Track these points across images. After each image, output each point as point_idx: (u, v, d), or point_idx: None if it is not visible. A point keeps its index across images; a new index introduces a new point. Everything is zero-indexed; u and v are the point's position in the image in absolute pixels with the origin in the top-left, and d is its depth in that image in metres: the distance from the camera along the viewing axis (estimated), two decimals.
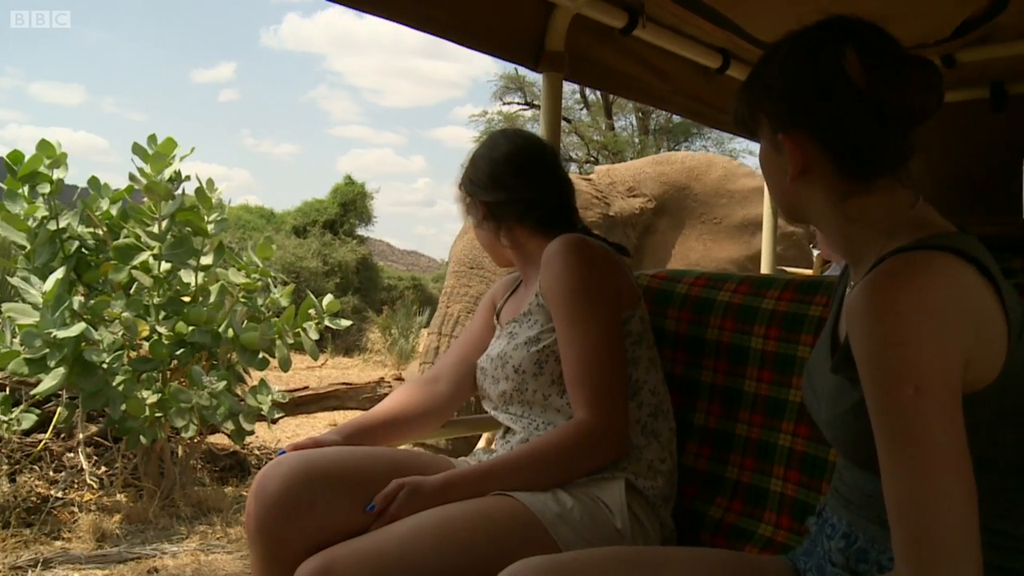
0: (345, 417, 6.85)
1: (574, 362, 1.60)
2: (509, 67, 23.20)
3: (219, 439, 5.81)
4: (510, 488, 1.54)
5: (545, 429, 1.67)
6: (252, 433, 5.18)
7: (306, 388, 6.87)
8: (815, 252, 4.75)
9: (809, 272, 4.59)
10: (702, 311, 1.91)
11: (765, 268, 3.72)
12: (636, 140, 23.14)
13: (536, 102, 21.52)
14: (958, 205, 1.77)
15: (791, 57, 1.18)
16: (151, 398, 4.60)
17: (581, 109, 23.42)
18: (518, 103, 22.80)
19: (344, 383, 7.02)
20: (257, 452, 6.04)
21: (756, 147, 1.37)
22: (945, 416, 0.96)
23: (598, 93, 22.83)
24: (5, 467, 4.71)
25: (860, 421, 1.07)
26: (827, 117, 1.14)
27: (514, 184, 1.80)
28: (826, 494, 1.34)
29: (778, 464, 1.71)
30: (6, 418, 4.33)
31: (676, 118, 22.88)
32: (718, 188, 4.64)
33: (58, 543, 4.36)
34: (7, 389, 4.83)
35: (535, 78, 22.26)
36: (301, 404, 6.58)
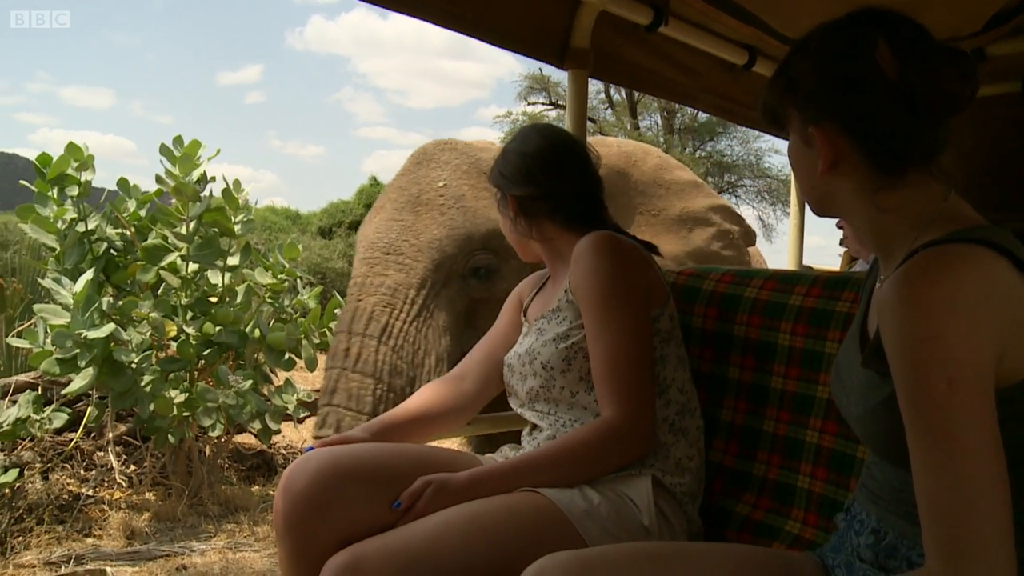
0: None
1: (602, 359, 1.60)
2: (534, 67, 23.24)
3: (246, 438, 5.85)
4: (536, 485, 1.54)
5: (572, 426, 1.67)
6: (278, 432, 5.21)
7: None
8: (841, 250, 4.50)
9: (836, 269, 4.53)
10: (729, 307, 1.90)
11: (791, 264, 3.70)
12: (661, 140, 23.07)
13: (561, 102, 21.54)
14: (990, 199, 1.74)
15: (822, 49, 1.17)
16: (179, 397, 4.65)
17: (606, 109, 23.40)
18: (543, 103, 22.81)
19: None
20: (284, 451, 6.08)
21: (782, 145, 1.36)
22: (978, 411, 0.95)
23: (623, 92, 22.81)
24: (38, 465, 4.77)
25: (891, 416, 1.06)
26: (858, 109, 1.13)
27: (545, 179, 1.80)
28: (855, 490, 1.33)
29: (806, 461, 1.69)
30: (38, 417, 4.38)
31: (701, 117, 22.83)
32: (655, 178, 4.28)
33: (89, 540, 4.41)
34: (39, 388, 4.88)
35: (559, 78, 22.28)
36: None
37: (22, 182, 5.07)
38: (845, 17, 1.17)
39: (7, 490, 4.34)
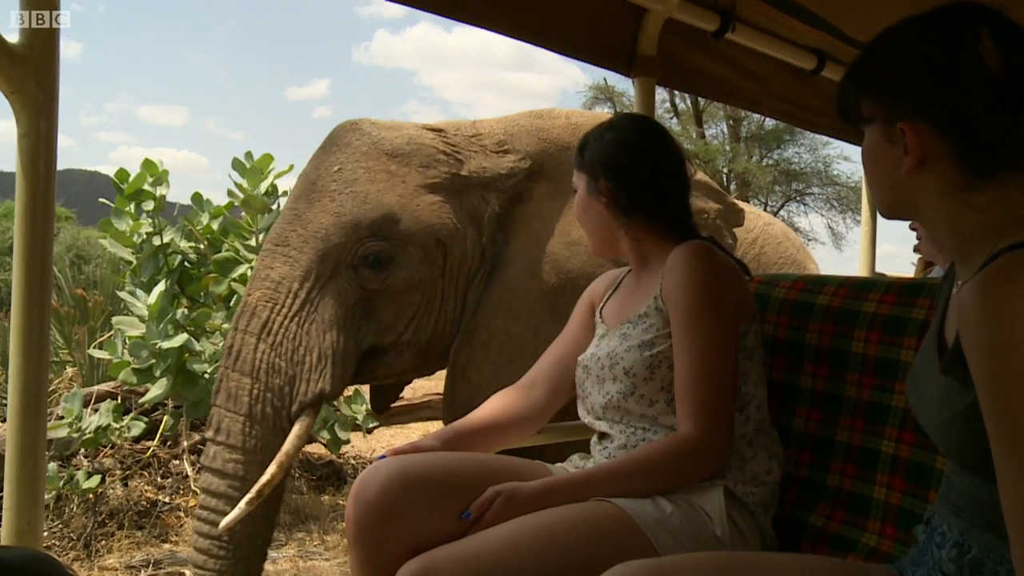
0: (438, 427, 6.90)
1: (687, 371, 1.58)
2: (598, 77, 23.18)
3: (316, 448, 5.93)
4: (608, 496, 1.53)
5: (644, 436, 1.65)
6: (348, 442, 5.28)
7: (400, 398, 6.95)
8: (915, 257, 4.33)
9: (910, 275, 4.41)
10: (800, 315, 1.88)
11: (864, 272, 3.62)
12: (727, 148, 22.84)
13: (627, 112, 21.41)
14: None
15: (917, 41, 1.13)
16: None
17: (671, 117, 23.24)
18: (607, 113, 22.75)
19: (437, 394, 7.08)
20: (353, 461, 6.15)
21: (852, 152, 1.33)
22: None
23: (688, 101, 22.64)
24: (118, 472, 4.91)
25: (973, 424, 1.03)
26: (956, 105, 1.09)
27: (654, 179, 1.78)
28: (934, 502, 1.30)
29: (881, 471, 1.66)
30: (118, 425, 4.52)
31: (768, 125, 22.51)
32: None
33: (166, 546, 4.52)
34: (119, 398, 5.02)
35: (624, 88, 22.20)
36: (395, 414, 6.65)
37: (101, 199, 5.24)
38: (935, 11, 1.13)
39: (90, 495, 4.49)
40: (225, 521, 2.64)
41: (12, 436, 1.42)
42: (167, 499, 5.04)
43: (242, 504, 2.64)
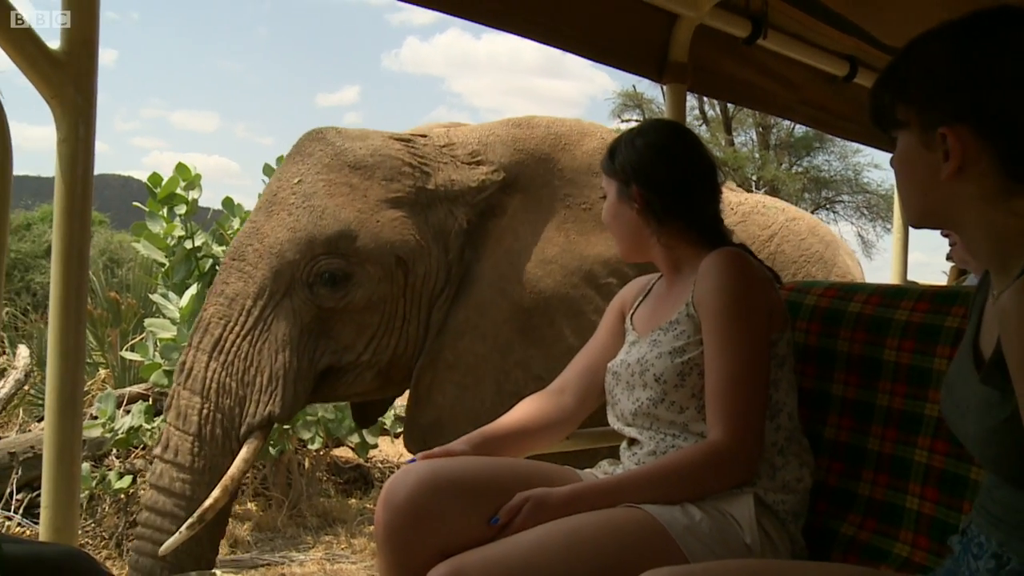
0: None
1: (718, 378, 1.58)
2: (627, 84, 23.19)
3: (344, 452, 5.96)
4: (637, 503, 1.53)
5: (673, 443, 1.65)
6: (376, 446, 5.31)
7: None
8: (947, 265, 4.24)
9: (943, 283, 4.33)
10: (832, 323, 1.86)
11: (895, 281, 3.59)
12: (756, 155, 22.72)
13: (657, 118, 21.34)
14: None
15: (958, 45, 1.11)
16: None
17: (700, 124, 23.15)
18: (636, 120, 22.72)
19: None
20: (380, 465, 6.17)
21: (882, 159, 1.31)
22: None
23: (717, 108, 22.55)
24: (149, 473, 4.96)
25: (1014, 435, 1.01)
26: (998, 110, 1.07)
27: (683, 183, 1.77)
28: (969, 512, 1.28)
29: (914, 481, 1.64)
30: (150, 427, 4.57)
31: (797, 132, 22.37)
32: (591, 164, 3.31)
33: None
34: (151, 399, 5.08)
35: (653, 95, 22.13)
36: None
37: (135, 203, 5.31)
38: (975, 14, 1.11)
39: (122, 495, 4.54)
40: (166, 545, 2.61)
41: (50, 436, 1.44)
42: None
43: (183, 529, 2.62)
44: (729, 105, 20.79)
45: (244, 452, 2.80)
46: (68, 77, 1.40)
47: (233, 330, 2.90)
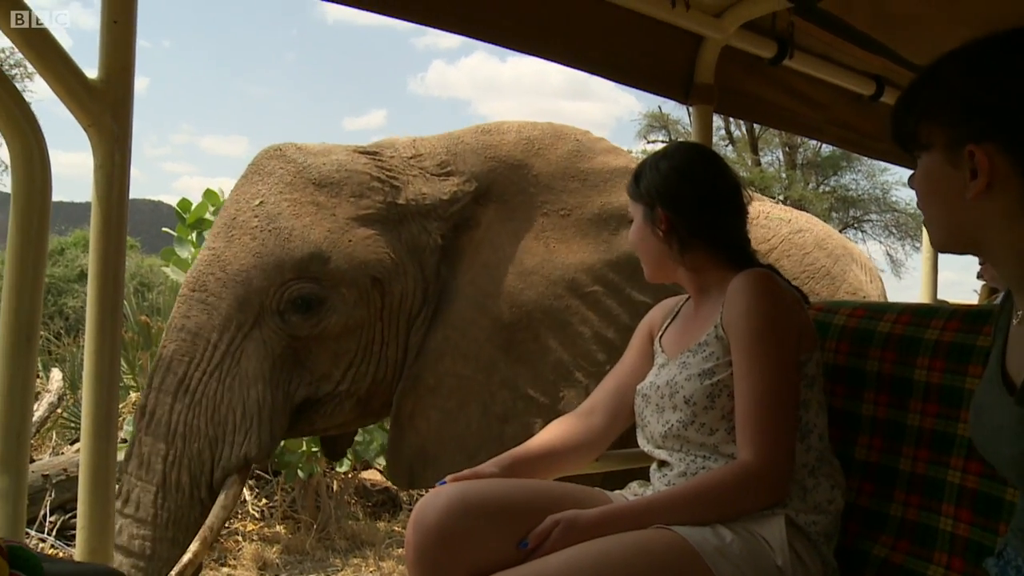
0: None
1: (747, 400, 1.57)
2: (653, 106, 23.18)
3: (372, 475, 5.97)
4: (667, 524, 1.53)
5: (704, 465, 1.64)
6: None
7: None
8: (978, 284, 4.15)
9: (974, 302, 4.25)
10: (861, 342, 1.85)
11: (926, 297, 3.55)
12: (783, 175, 22.64)
13: (681, 140, 21.34)
14: None
15: (986, 63, 1.11)
16: None
17: (726, 145, 23.12)
18: (662, 141, 22.72)
19: None
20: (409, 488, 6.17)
21: None
22: None
23: (743, 128, 22.51)
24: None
25: None
26: None
27: (708, 205, 1.77)
28: (1006, 534, 1.27)
29: (947, 502, 1.62)
30: None
31: (824, 151, 22.27)
32: (567, 168, 3.15)
33: (225, 569, 4.59)
34: None
35: (679, 115, 22.15)
36: None
37: (164, 228, 5.39)
38: (1001, 34, 1.11)
39: None
40: None
41: (85, 458, 1.47)
42: (226, 523, 5.11)
43: None
44: (755, 125, 20.75)
45: (223, 499, 2.60)
46: (105, 105, 1.43)
47: (199, 367, 2.68)
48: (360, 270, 2.77)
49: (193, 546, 2.48)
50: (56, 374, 6.06)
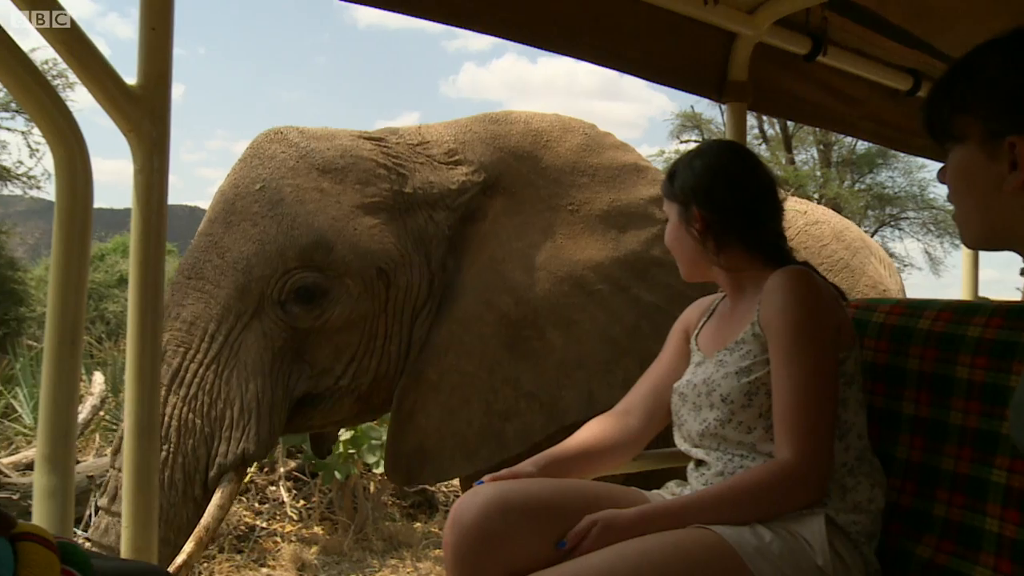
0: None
1: (785, 398, 1.56)
2: (685, 105, 23.12)
3: None
4: (705, 524, 1.52)
5: (742, 464, 1.63)
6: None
7: None
8: (1022, 281, 4.07)
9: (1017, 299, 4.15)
10: (901, 340, 1.83)
11: (967, 295, 3.50)
12: (818, 173, 22.42)
13: (715, 139, 21.16)
14: None
15: None
16: (345, 435, 4.81)
17: (760, 143, 22.94)
18: (695, 141, 22.60)
19: None
20: (445, 489, 6.19)
21: None
22: None
23: (777, 127, 22.33)
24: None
25: None
26: None
27: (744, 203, 1.76)
28: None
29: (993, 502, 1.59)
30: None
31: (860, 149, 22.03)
32: (576, 162, 3.08)
33: (264, 570, 4.63)
34: None
35: (712, 115, 22.03)
36: None
37: None
38: None
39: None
40: None
41: (129, 459, 1.49)
42: (264, 524, 5.16)
43: None
44: (789, 123, 20.58)
45: (218, 498, 2.48)
46: (144, 111, 1.45)
47: (195, 359, 2.55)
48: (366, 260, 2.68)
49: (187, 547, 2.38)
50: (98, 377, 6.16)
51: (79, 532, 4.41)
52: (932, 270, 22.43)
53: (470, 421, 2.77)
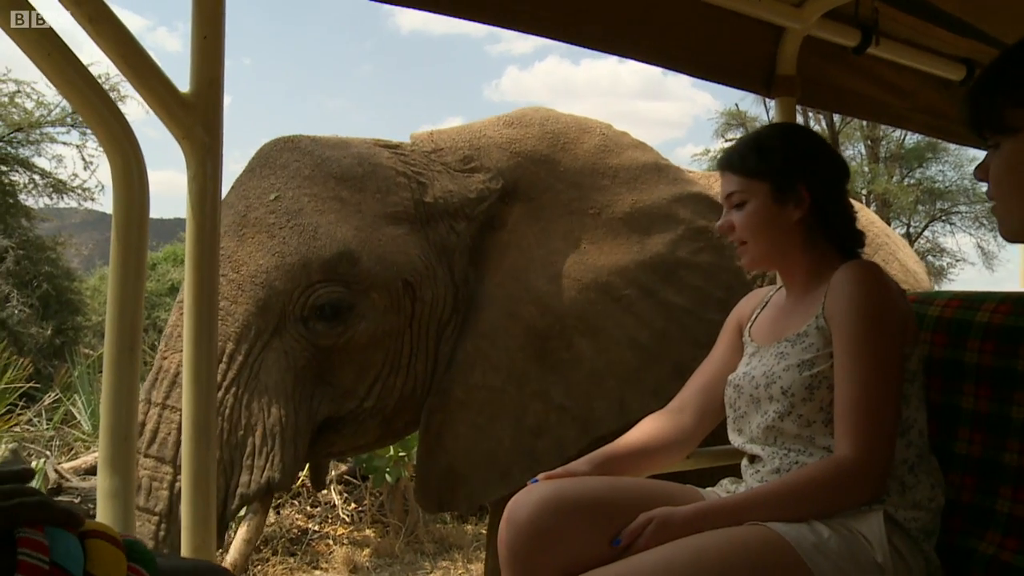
0: None
1: (849, 393, 1.54)
2: (730, 103, 22.92)
3: None
4: (761, 521, 1.50)
5: (798, 459, 1.61)
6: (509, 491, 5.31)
7: None
8: None
9: None
10: (958, 333, 1.80)
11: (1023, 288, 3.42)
12: (866, 169, 22.10)
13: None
14: None
15: None
16: None
17: None
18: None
19: None
20: None
21: None
22: None
23: (823, 123, 22.07)
24: (271, 501, 5.13)
25: None
26: None
27: (843, 188, 1.74)
28: None
29: None
30: None
31: (909, 143, 21.67)
32: (595, 164, 2.96)
33: (317, 572, 4.67)
34: None
35: (757, 113, 21.80)
36: None
37: None
38: None
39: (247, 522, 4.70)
40: None
41: (187, 461, 1.51)
42: (316, 527, 5.21)
43: None
44: (836, 119, 20.30)
45: (244, 532, 2.39)
46: (197, 118, 1.48)
47: None
48: (392, 272, 2.54)
49: None
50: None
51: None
52: (985, 264, 21.98)
53: (500, 439, 2.65)
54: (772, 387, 1.65)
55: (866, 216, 4.12)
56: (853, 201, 1.80)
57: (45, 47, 1.32)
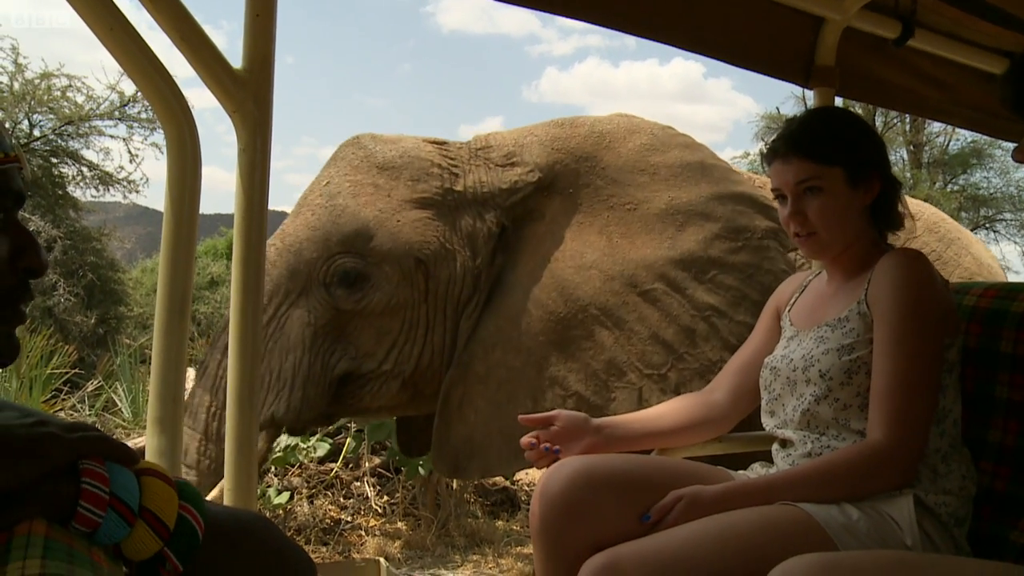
0: None
1: (886, 379, 1.54)
2: (771, 107, 22.74)
3: None
4: (791, 502, 1.52)
5: (830, 443, 1.62)
6: (522, 469, 5.34)
7: None
8: None
9: None
10: (994, 323, 1.79)
11: None
12: (908, 174, 21.83)
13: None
14: None
15: None
16: None
17: None
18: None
19: None
20: (527, 488, 6.22)
21: None
22: None
23: None
24: (304, 491, 5.19)
25: None
26: None
27: (889, 174, 1.73)
28: None
29: None
30: (304, 446, 4.79)
31: (952, 148, 21.37)
32: (638, 161, 3.05)
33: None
34: None
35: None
36: None
37: None
38: None
39: (280, 511, 4.77)
40: None
41: (231, 424, 1.56)
42: (349, 518, 5.27)
43: None
44: (878, 122, 20.08)
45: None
46: (248, 92, 1.53)
47: None
48: (403, 250, 2.87)
49: (213, 494, 2.58)
50: (190, 373, 6.35)
51: None
52: None
53: (515, 416, 2.76)
54: (810, 370, 1.65)
55: (936, 213, 4.11)
56: (917, 200, 1.82)
57: (108, 21, 1.37)
